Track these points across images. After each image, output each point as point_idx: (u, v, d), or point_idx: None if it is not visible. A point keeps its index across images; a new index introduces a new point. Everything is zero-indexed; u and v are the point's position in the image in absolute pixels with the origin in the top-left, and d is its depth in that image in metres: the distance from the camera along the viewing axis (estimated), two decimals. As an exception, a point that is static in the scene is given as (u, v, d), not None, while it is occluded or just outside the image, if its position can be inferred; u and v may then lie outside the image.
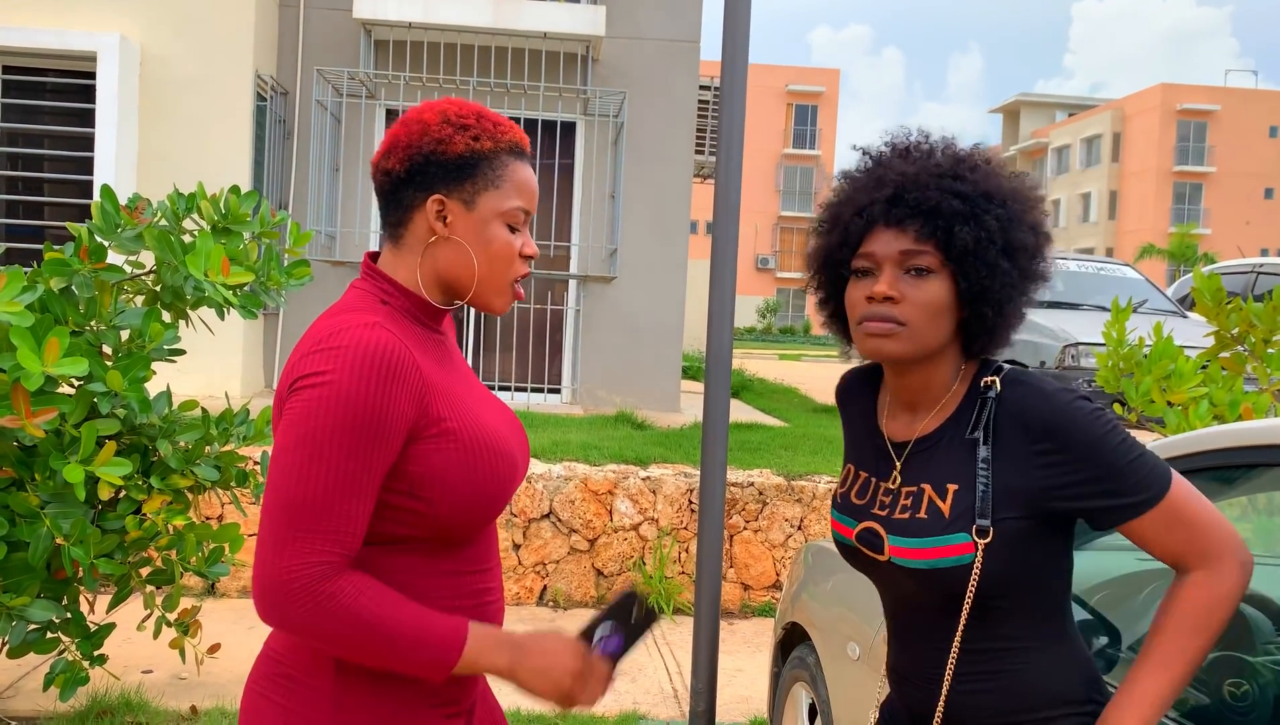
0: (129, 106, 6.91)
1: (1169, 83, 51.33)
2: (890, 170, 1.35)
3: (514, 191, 1.31)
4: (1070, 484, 1.27)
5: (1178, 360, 3.98)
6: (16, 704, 3.55)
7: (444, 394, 1.27)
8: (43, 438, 2.77)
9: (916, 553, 1.31)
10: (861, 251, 1.34)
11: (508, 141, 1.31)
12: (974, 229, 1.29)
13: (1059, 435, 1.27)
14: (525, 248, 1.34)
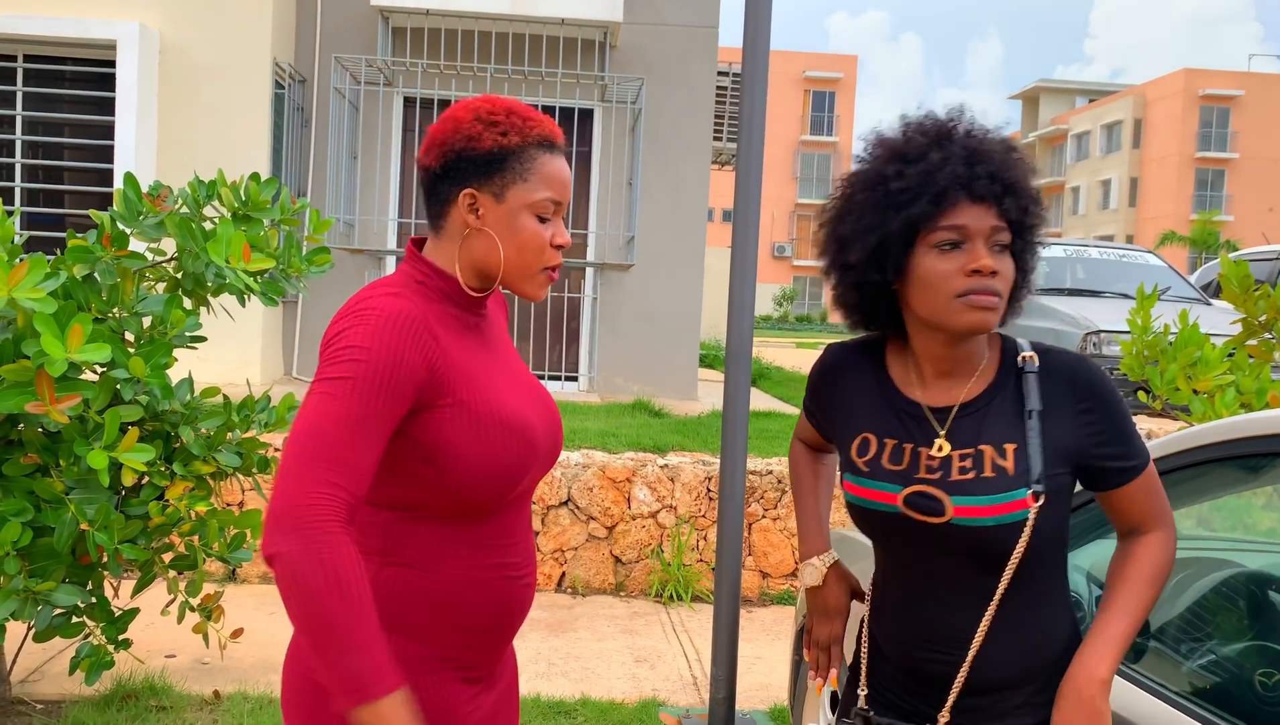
0: (149, 95, 6.94)
1: (1191, 68, 50.71)
2: (964, 146, 1.37)
3: (542, 183, 1.36)
4: (1102, 441, 1.39)
5: (1203, 348, 3.94)
6: (42, 687, 3.59)
7: (461, 369, 1.34)
8: (67, 424, 2.79)
9: (982, 510, 1.36)
10: (947, 225, 1.35)
11: (536, 136, 1.37)
12: (1036, 209, 1.40)
13: (1096, 394, 1.39)
14: (556, 237, 1.39)
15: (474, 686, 1.42)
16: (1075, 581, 2.07)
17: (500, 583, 1.39)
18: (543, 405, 1.45)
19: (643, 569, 5.26)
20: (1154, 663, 1.83)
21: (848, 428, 1.51)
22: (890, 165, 1.39)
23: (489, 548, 1.38)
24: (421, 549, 1.34)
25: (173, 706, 3.46)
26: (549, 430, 1.43)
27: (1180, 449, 1.82)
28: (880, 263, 1.40)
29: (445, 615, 1.36)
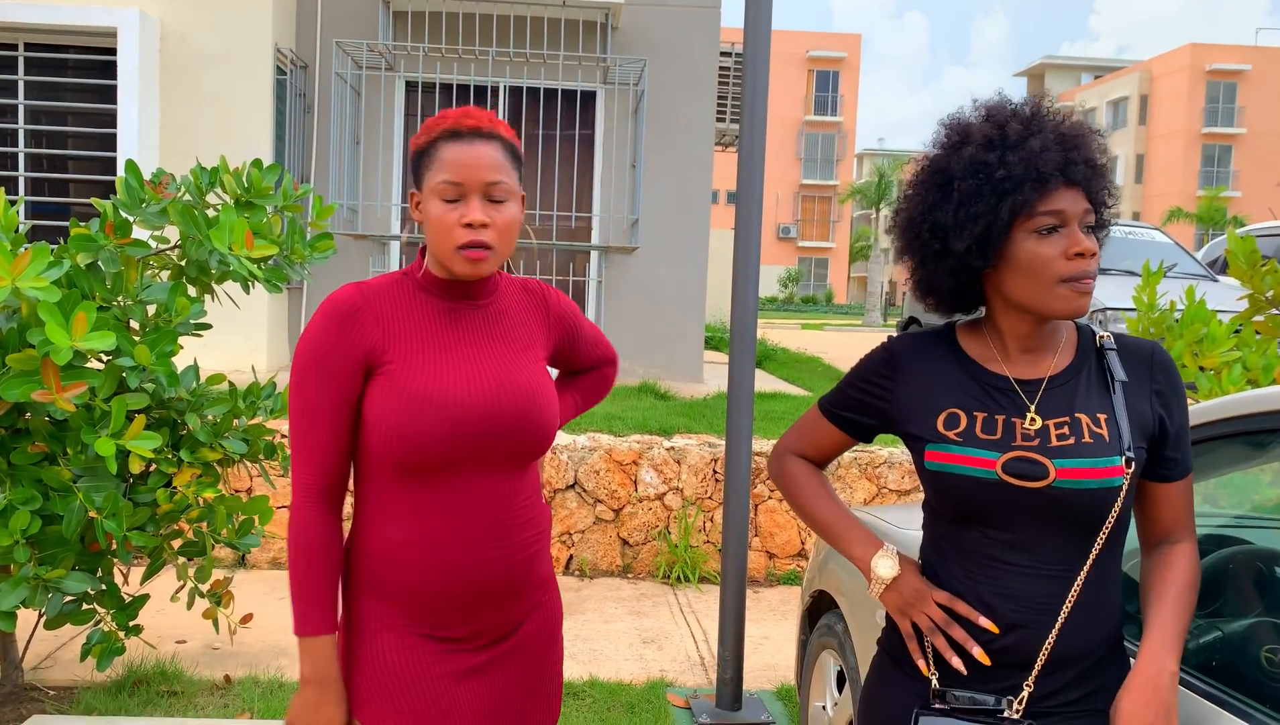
0: (150, 82, 6.93)
1: (1198, 43, 50.29)
2: (1056, 132, 1.42)
3: (440, 168, 1.49)
4: (1168, 422, 1.46)
5: (1210, 324, 3.92)
6: (54, 674, 3.62)
7: (405, 347, 1.50)
8: (73, 412, 2.80)
9: (1086, 473, 1.40)
10: (1047, 210, 1.40)
11: (441, 130, 1.51)
12: (1114, 190, 1.46)
13: (1171, 378, 1.47)
14: (464, 217, 1.48)
15: (446, 644, 1.54)
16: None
17: (446, 549, 1.50)
18: (499, 387, 1.53)
19: (650, 551, 5.27)
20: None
21: (928, 407, 1.50)
22: (990, 153, 1.42)
23: (433, 515, 1.50)
24: (367, 510, 1.54)
25: (184, 691, 3.48)
26: (490, 409, 1.51)
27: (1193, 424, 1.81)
28: (983, 249, 1.43)
29: (392, 574, 1.52)
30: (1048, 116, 1.45)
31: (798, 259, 54.21)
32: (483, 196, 1.48)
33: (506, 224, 1.50)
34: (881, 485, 5.37)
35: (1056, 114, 1.46)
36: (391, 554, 1.51)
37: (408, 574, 1.51)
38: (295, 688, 3.56)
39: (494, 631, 1.58)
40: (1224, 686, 1.58)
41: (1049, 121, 1.44)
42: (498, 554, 1.54)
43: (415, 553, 1.50)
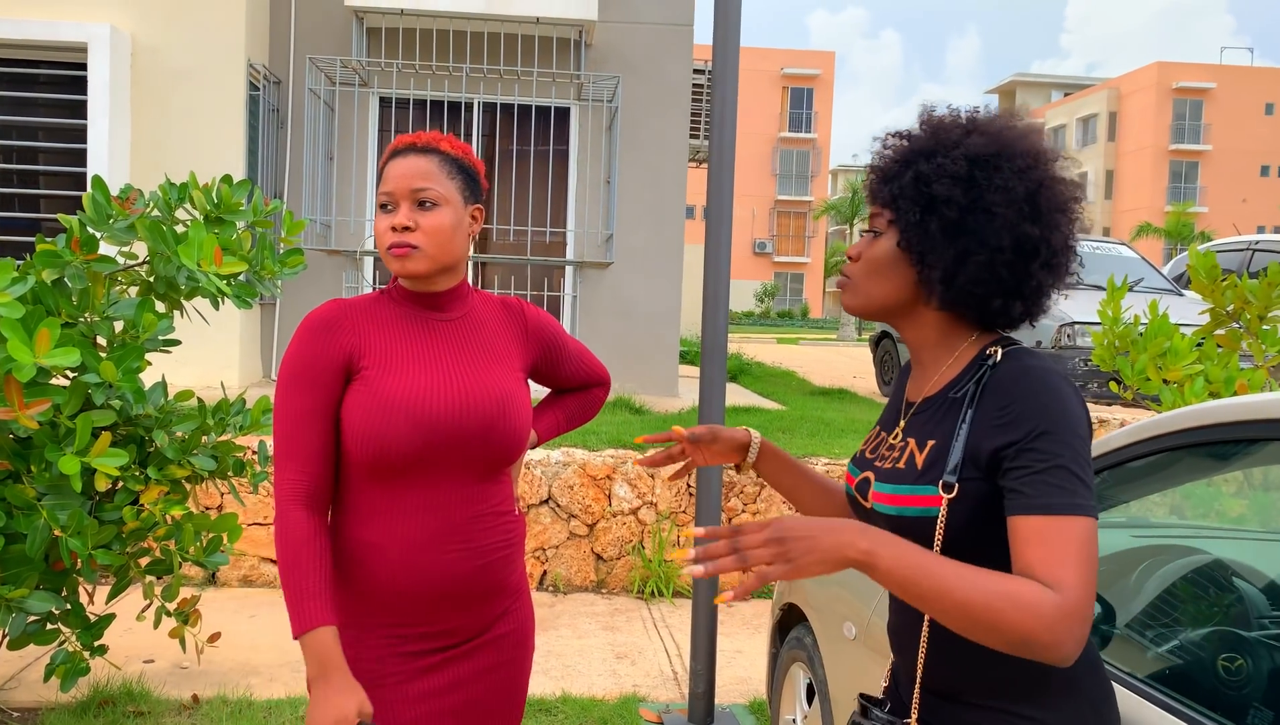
0: (121, 97, 6.89)
1: (1165, 61, 51.13)
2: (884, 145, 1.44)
3: (380, 183, 1.63)
4: (1004, 447, 1.23)
5: (1173, 338, 3.98)
6: (18, 695, 3.57)
7: (381, 354, 1.59)
8: (37, 429, 2.77)
9: (890, 499, 1.34)
10: None
11: (391, 150, 1.65)
12: (894, 187, 1.35)
13: (1022, 397, 1.24)
14: (392, 221, 1.60)
15: (412, 643, 1.60)
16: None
17: (413, 549, 1.56)
18: (468, 394, 1.60)
19: (624, 566, 5.27)
20: (1120, 650, 1.85)
21: None
22: None
23: (402, 516, 1.57)
24: (341, 511, 1.60)
25: (151, 712, 3.44)
26: (459, 414, 1.58)
27: (1147, 437, 1.84)
28: None
29: (362, 573, 1.58)
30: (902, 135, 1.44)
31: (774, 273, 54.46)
32: (411, 203, 1.60)
33: (433, 226, 1.59)
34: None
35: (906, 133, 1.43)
36: (362, 554, 1.58)
37: (377, 573, 1.57)
38: (264, 706, 3.53)
39: (461, 633, 1.63)
40: (1182, 696, 1.61)
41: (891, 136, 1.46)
42: (464, 557, 1.60)
43: (384, 553, 1.57)
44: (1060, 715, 1.28)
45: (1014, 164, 1.31)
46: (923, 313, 1.38)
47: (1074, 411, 1.22)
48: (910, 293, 1.37)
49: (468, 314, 1.69)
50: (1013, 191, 1.29)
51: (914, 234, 1.32)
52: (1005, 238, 1.29)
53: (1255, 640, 1.74)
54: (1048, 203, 1.32)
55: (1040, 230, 1.30)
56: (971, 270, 1.30)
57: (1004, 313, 1.34)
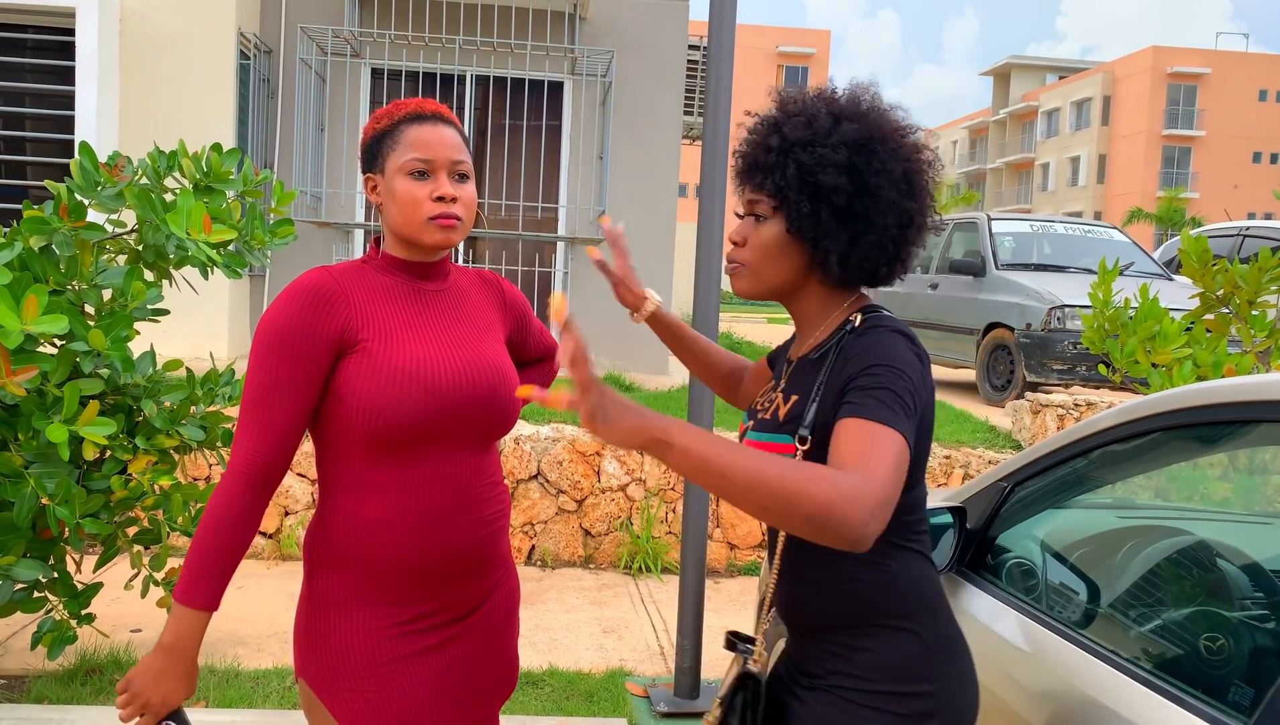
0: (109, 64, 6.81)
1: (1160, 45, 51.06)
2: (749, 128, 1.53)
3: (406, 148, 1.56)
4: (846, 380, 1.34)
5: (1163, 322, 4.00)
6: (5, 663, 3.57)
7: (378, 325, 1.55)
8: (24, 397, 2.75)
9: (753, 445, 1.47)
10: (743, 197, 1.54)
11: (404, 114, 1.59)
12: (777, 177, 1.43)
13: (868, 346, 1.37)
14: (436, 190, 1.55)
15: (409, 619, 1.56)
16: (1029, 550, 2.12)
17: (420, 520, 1.54)
18: (470, 363, 1.59)
19: (612, 542, 5.29)
20: (1104, 628, 1.87)
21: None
22: None
23: (406, 489, 1.53)
24: (337, 488, 1.55)
25: (138, 681, 3.45)
26: (465, 383, 1.56)
27: (1134, 417, 1.85)
28: None
29: (364, 550, 1.53)
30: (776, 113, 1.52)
31: (765, 253, 54.39)
32: (450, 174, 1.57)
33: (470, 199, 1.59)
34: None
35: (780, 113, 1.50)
36: (364, 530, 1.53)
37: (381, 548, 1.53)
38: (252, 676, 3.54)
39: (458, 607, 1.61)
40: (1164, 674, 1.62)
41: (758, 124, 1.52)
42: (467, 527, 1.59)
43: (388, 527, 1.53)
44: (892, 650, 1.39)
45: (887, 146, 1.43)
46: (810, 287, 1.50)
47: (905, 355, 1.35)
48: (801, 272, 1.49)
49: (452, 284, 1.68)
50: (892, 172, 1.42)
51: (806, 222, 1.43)
52: (890, 216, 1.42)
53: (1237, 620, 1.76)
54: (918, 177, 1.46)
55: (916, 203, 1.45)
56: (864, 249, 1.43)
57: (886, 280, 1.49)
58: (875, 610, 1.41)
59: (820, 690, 1.42)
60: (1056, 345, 7.05)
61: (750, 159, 1.49)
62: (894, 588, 1.41)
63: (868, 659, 1.39)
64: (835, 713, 1.39)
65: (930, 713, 1.38)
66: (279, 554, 5.05)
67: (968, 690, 1.45)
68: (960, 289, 8.36)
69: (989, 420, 6.46)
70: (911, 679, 1.38)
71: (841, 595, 1.42)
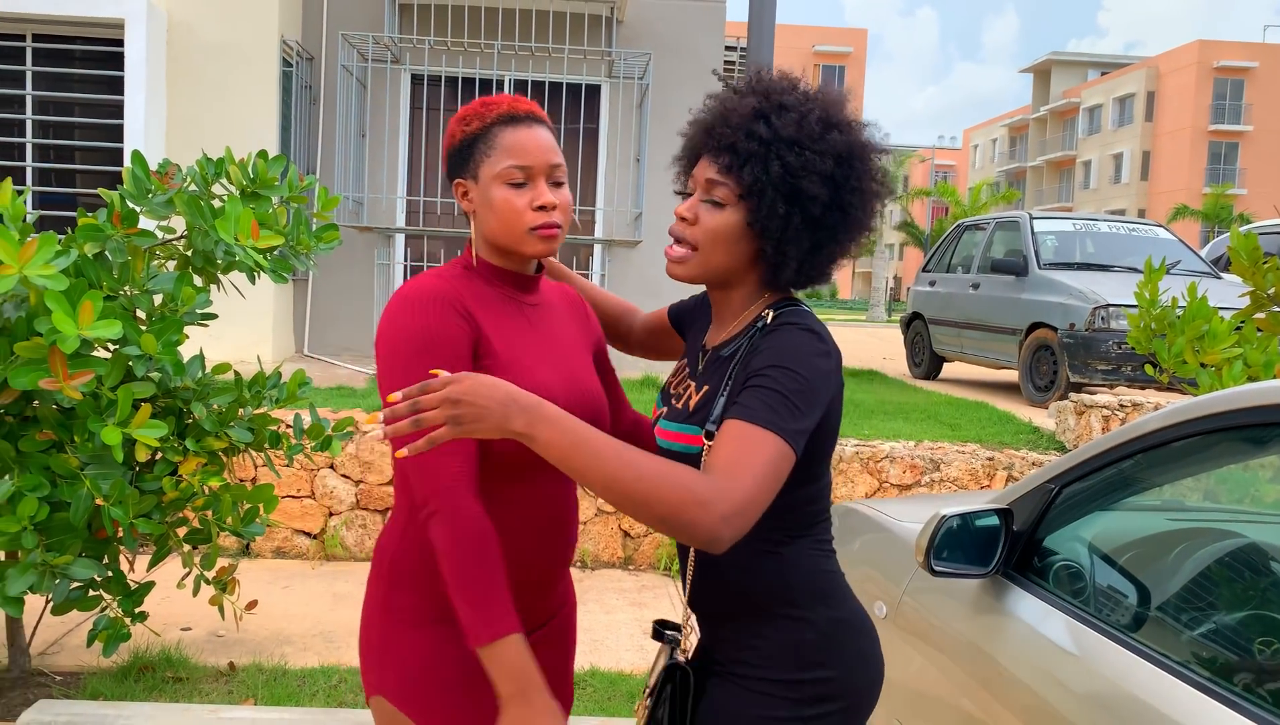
0: (157, 73, 6.95)
1: (1205, 39, 50.12)
2: (724, 103, 1.47)
3: (503, 155, 1.48)
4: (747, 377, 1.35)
5: (1211, 321, 3.93)
6: (60, 659, 3.65)
7: (493, 340, 1.47)
8: (80, 400, 2.82)
9: (664, 433, 1.51)
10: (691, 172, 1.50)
11: (496, 115, 1.50)
12: (756, 170, 1.39)
13: (773, 345, 1.36)
14: (536, 199, 1.48)
15: None
16: (1077, 552, 2.09)
17: (520, 538, 1.49)
18: (576, 386, 1.55)
19: (651, 543, 5.30)
20: (1155, 632, 1.85)
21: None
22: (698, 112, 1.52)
23: (511, 507, 1.48)
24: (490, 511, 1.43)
25: (189, 678, 3.52)
26: (573, 409, 1.49)
27: (1184, 419, 1.83)
28: None
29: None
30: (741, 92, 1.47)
31: (802, 254, 54.13)
32: (549, 180, 1.50)
33: (568, 204, 1.53)
34: (883, 479, 5.39)
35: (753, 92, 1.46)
36: None
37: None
38: (298, 674, 3.59)
39: (533, 621, 1.57)
40: (1220, 679, 1.60)
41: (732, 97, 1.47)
42: (558, 545, 1.57)
43: (512, 540, 1.47)
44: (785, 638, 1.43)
45: (864, 164, 1.43)
46: (747, 280, 1.49)
47: (806, 355, 1.34)
48: (746, 265, 1.47)
49: (545, 299, 1.62)
50: (864, 191, 1.43)
51: (774, 222, 1.40)
52: (853, 232, 1.45)
53: (1291, 624, 1.72)
54: (878, 201, 1.47)
55: (870, 225, 1.48)
56: (820, 258, 1.45)
57: (812, 286, 1.50)
58: (769, 598, 1.45)
59: (722, 676, 1.47)
60: (1101, 345, 6.95)
61: (725, 138, 1.42)
62: (786, 577, 1.45)
63: (763, 646, 1.44)
64: (735, 699, 1.44)
65: (826, 696, 1.42)
66: (323, 554, 5.12)
67: (869, 671, 1.49)
68: (1002, 289, 8.26)
69: (1032, 421, 6.38)
70: (805, 665, 1.42)
71: (737, 584, 1.46)
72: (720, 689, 1.46)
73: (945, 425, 6.10)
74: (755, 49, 3.47)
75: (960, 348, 8.99)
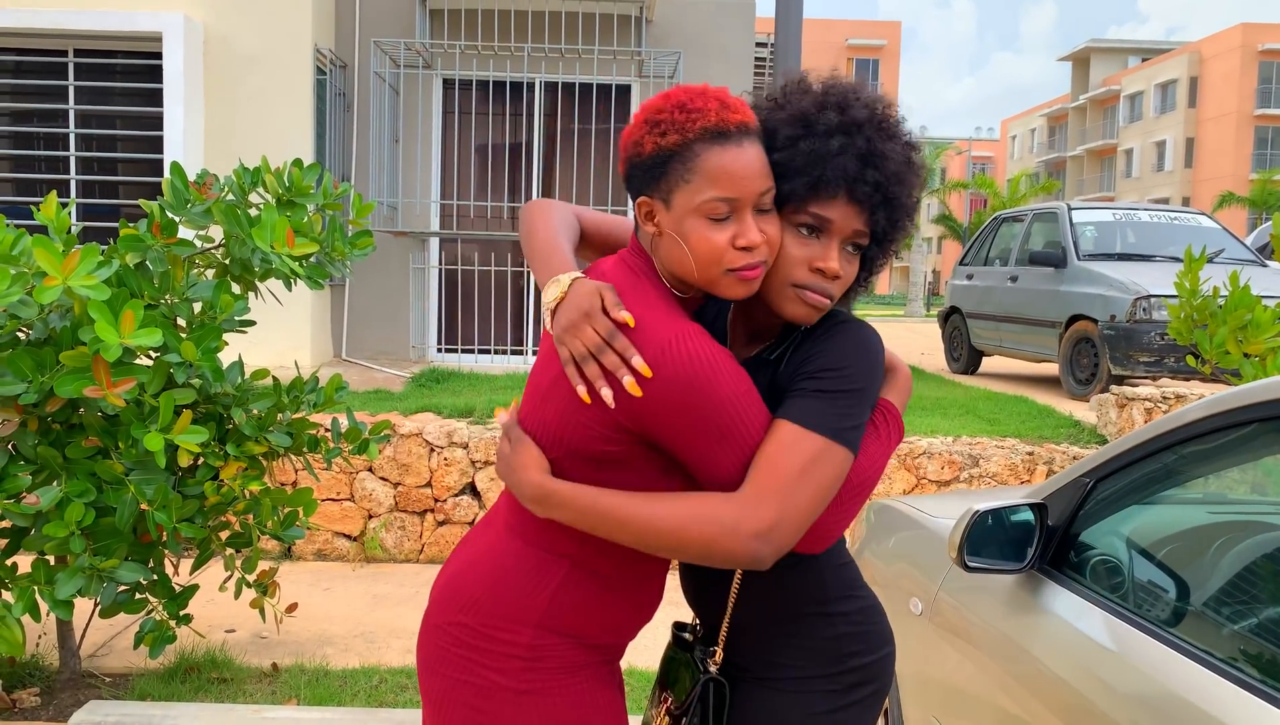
0: (195, 85, 7.07)
1: (1249, 22, 49.06)
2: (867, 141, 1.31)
3: (706, 183, 1.25)
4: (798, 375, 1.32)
5: (1255, 310, 3.85)
6: (109, 662, 3.73)
7: None
8: (124, 407, 2.88)
9: None
10: (814, 211, 1.31)
11: (698, 130, 1.25)
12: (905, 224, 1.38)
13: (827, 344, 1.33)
14: (738, 239, 1.26)
15: (618, 670, 1.51)
16: (1114, 547, 2.07)
17: (661, 576, 1.46)
18: None
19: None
20: (1195, 627, 1.82)
21: None
22: (793, 128, 1.33)
23: None
24: (611, 556, 1.36)
25: (233, 679, 3.58)
26: None
27: (1224, 409, 1.80)
28: None
29: (614, 616, 1.41)
30: (867, 124, 1.32)
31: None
32: (754, 209, 1.28)
33: (776, 236, 1.30)
34: (921, 476, 5.35)
35: (883, 123, 1.34)
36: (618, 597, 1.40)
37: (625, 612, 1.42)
38: (340, 675, 3.64)
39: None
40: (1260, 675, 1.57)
41: (866, 129, 1.32)
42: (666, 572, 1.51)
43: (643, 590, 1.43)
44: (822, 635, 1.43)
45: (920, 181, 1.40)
46: None
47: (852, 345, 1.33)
48: None
49: None
50: (915, 208, 1.40)
51: (879, 264, 1.42)
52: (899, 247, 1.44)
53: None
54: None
55: None
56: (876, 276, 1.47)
57: None
58: (803, 600, 1.45)
59: (751, 682, 1.45)
60: (1142, 337, 6.84)
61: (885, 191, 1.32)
62: (820, 576, 1.45)
63: (802, 646, 1.44)
64: (772, 702, 1.43)
65: (863, 681, 1.44)
66: (363, 556, 5.18)
67: (890, 647, 1.51)
68: (1041, 281, 8.16)
69: (1073, 415, 6.30)
70: (844, 657, 1.43)
71: (770, 592, 1.44)
72: (754, 695, 1.46)
73: (984, 420, 6.04)
74: (783, 45, 3.47)
75: (999, 341, 8.89)
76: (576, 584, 1.36)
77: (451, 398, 5.95)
